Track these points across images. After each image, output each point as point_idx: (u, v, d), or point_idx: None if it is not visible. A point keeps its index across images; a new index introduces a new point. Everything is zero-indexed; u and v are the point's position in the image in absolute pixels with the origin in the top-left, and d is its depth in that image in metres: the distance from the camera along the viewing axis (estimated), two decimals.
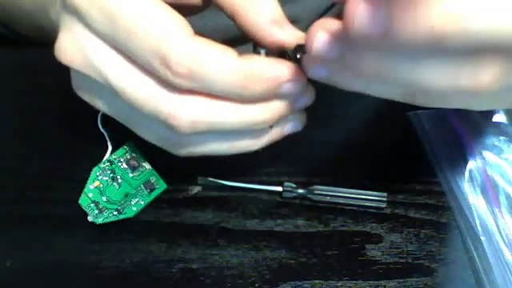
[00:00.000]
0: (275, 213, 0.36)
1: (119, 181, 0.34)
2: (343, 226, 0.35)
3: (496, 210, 0.36)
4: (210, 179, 0.36)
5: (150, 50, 0.25)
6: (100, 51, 0.27)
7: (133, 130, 0.31)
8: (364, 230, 0.35)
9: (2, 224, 0.34)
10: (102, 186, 0.34)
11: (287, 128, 0.31)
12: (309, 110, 0.38)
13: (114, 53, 0.27)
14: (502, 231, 0.35)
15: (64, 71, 0.33)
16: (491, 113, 0.41)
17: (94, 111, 0.39)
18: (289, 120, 0.31)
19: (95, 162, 0.35)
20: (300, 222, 0.35)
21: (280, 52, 0.28)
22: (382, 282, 0.33)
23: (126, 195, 0.34)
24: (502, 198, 0.36)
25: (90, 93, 0.30)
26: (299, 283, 0.32)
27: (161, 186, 0.36)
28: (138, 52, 0.26)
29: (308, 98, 0.30)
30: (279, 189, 0.36)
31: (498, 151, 0.39)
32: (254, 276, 0.33)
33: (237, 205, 0.36)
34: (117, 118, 0.31)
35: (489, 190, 0.37)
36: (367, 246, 0.34)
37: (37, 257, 0.33)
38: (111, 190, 0.34)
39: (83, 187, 0.35)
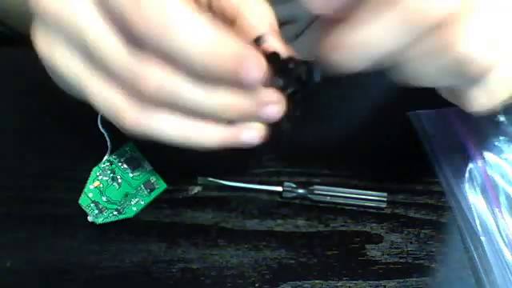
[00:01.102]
0: (275, 213, 0.36)
1: (119, 181, 0.34)
2: (343, 226, 0.35)
3: (496, 210, 0.36)
4: (210, 179, 0.36)
5: None
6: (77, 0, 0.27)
7: (84, 95, 0.29)
8: (364, 229, 0.35)
9: (2, 224, 0.34)
10: (101, 186, 0.34)
11: (244, 134, 0.30)
12: (309, 110, 0.38)
13: (90, 3, 0.26)
14: (502, 231, 0.35)
15: None
16: (491, 112, 0.41)
17: (94, 111, 0.39)
18: (248, 127, 0.29)
19: (95, 162, 0.35)
20: (300, 222, 0.35)
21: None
22: (382, 282, 0.33)
23: (126, 195, 0.34)
24: (502, 198, 0.36)
25: (52, 43, 0.29)
26: (299, 283, 0.32)
27: (161, 186, 0.36)
28: None
29: (274, 110, 0.28)
30: (279, 189, 0.36)
31: (498, 151, 0.39)
32: (253, 276, 0.33)
33: (237, 205, 0.36)
34: (69, 81, 0.30)
35: (489, 190, 0.37)
36: (367, 246, 0.34)
37: (37, 257, 0.33)
38: (111, 190, 0.34)
39: (83, 187, 0.35)
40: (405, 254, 0.34)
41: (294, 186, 0.36)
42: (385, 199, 0.35)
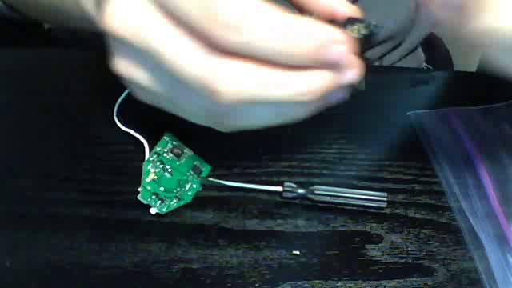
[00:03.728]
0: (275, 213, 0.36)
1: (169, 170, 0.35)
2: (343, 226, 0.35)
3: (496, 210, 0.36)
4: (210, 179, 0.36)
5: (197, 0, 0.25)
6: (148, 16, 0.26)
7: (174, 109, 0.30)
8: (364, 230, 0.35)
9: (2, 224, 0.34)
10: (156, 177, 0.35)
11: (332, 96, 0.29)
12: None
13: (161, 17, 0.26)
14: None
15: (64, 71, 0.33)
16: (491, 112, 0.41)
17: (94, 112, 0.39)
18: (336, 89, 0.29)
19: (95, 162, 0.35)
20: (300, 221, 0.35)
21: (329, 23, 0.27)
22: (382, 282, 0.33)
23: (180, 182, 0.35)
24: None
25: (131, 65, 0.29)
26: (299, 283, 0.32)
27: (206, 168, 0.37)
28: (185, 4, 0.25)
29: (356, 72, 0.28)
30: (279, 189, 0.36)
31: (499, 151, 0.39)
32: (253, 276, 0.33)
33: (237, 205, 0.36)
34: (156, 97, 0.30)
35: (489, 190, 0.37)
36: (367, 246, 0.34)
37: (37, 257, 0.33)
38: (165, 180, 0.35)
39: (83, 187, 0.35)
40: (405, 254, 0.34)
41: (294, 185, 0.36)
42: (385, 199, 0.35)
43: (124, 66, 0.30)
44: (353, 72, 0.28)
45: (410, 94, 0.43)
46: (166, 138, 0.36)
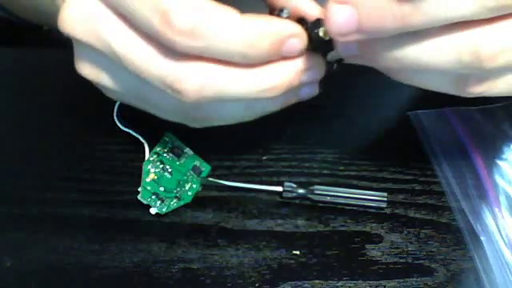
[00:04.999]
0: (275, 213, 0.36)
1: (169, 170, 0.35)
2: (343, 226, 0.35)
3: (496, 209, 0.36)
4: (210, 179, 0.36)
5: (150, 6, 0.25)
6: (104, 18, 0.27)
7: (145, 107, 0.30)
8: (364, 230, 0.35)
9: (2, 224, 0.34)
10: (156, 177, 0.35)
11: (302, 92, 0.30)
12: (309, 110, 0.38)
13: (117, 20, 0.27)
14: (501, 231, 0.35)
15: (64, 71, 0.33)
16: (491, 112, 0.41)
17: (94, 112, 0.39)
18: (303, 85, 0.30)
19: (95, 162, 0.35)
20: (300, 221, 0.35)
21: (297, 21, 0.28)
22: (382, 282, 0.33)
23: (179, 182, 0.35)
24: (502, 198, 0.36)
25: (95, 68, 0.29)
26: (299, 283, 0.32)
27: (206, 168, 0.36)
28: (138, 10, 0.25)
29: (316, 72, 0.29)
30: (279, 189, 0.36)
31: (498, 151, 0.39)
32: (253, 276, 0.33)
33: (237, 205, 0.36)
34: (124, 97, 0.30)
35: (489, 189, 0.37)
36: (367, 246, 0.34)
37: (37, 257, 0.33)
38: (165, 180, 0.35)
39: (83, 187, 0.34)
40: (405, 254, 0.34)
41: (294, 185, 0.36)
42: (385, 199, 0.35)
43: (86, 68, 0.30)
44: (312, 71, 0.29)
45: (410, 94, 0.43)
46: (166, 138, 0.36)
